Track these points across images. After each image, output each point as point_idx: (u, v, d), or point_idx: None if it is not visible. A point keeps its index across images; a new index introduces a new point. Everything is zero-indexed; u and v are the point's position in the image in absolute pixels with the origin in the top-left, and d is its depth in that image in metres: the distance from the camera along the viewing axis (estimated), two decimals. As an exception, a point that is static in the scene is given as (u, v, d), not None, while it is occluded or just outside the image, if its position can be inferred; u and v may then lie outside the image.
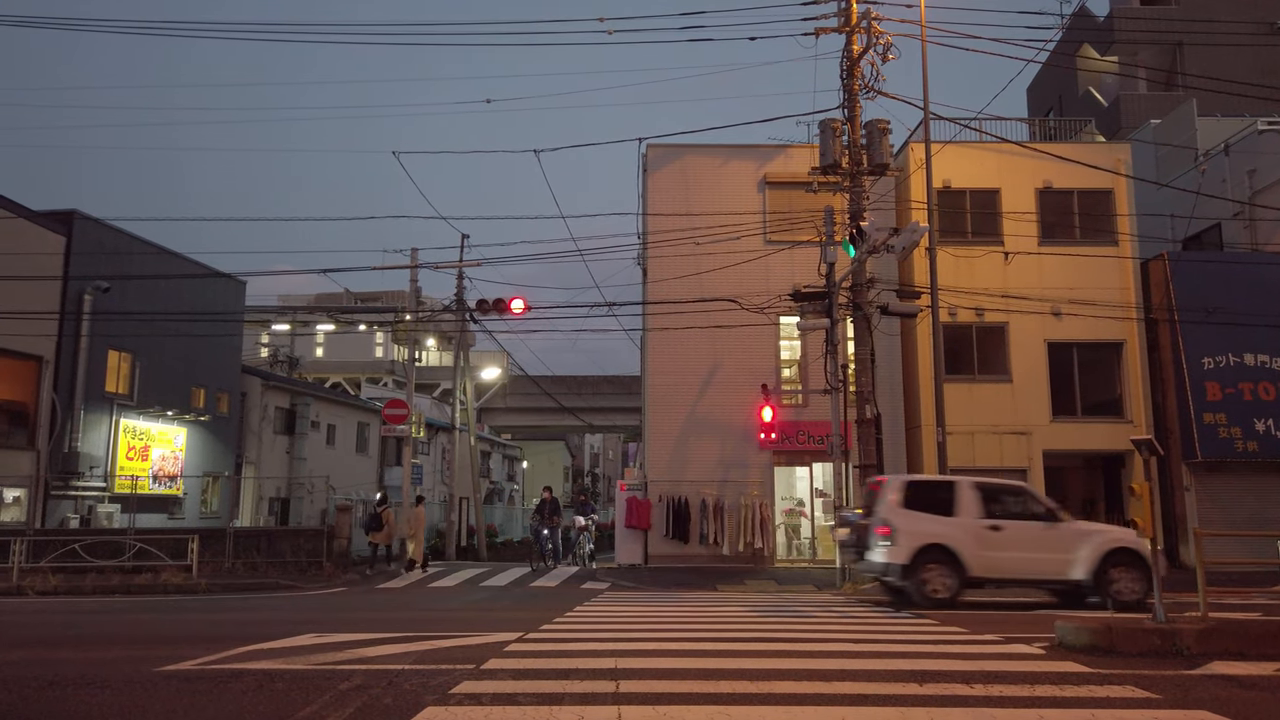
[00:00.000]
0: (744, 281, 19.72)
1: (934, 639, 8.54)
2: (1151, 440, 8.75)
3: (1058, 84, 33.22)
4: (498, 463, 47.79)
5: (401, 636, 8.26)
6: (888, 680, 6.09)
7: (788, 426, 20.05)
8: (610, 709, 5.12)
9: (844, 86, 16.35)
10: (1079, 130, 24.34)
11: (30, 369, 20.34)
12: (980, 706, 5.27)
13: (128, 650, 7.90)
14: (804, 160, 19.48)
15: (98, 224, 21.97)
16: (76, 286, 20.92)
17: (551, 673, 6.31)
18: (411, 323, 24.82)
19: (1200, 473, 19.66)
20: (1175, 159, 24.16)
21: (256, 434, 27.87)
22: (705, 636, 8.50)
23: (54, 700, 5.57)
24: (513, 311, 21.32)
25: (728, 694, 5.61)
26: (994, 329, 20.37)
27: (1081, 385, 20.47)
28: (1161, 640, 7.39)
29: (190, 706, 5.34)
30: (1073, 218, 20.85)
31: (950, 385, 18.11)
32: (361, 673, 6.34)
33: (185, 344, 23.85)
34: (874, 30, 15.93)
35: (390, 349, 46.48)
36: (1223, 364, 19.61)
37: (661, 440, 20.64)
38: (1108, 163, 20.41)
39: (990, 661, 6.95)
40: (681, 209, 20.63)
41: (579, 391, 42.68)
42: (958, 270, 19.89)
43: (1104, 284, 20.28)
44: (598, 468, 72.97)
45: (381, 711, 5.10)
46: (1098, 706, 5.30)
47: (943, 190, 19.85)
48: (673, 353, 20.59)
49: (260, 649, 7.50)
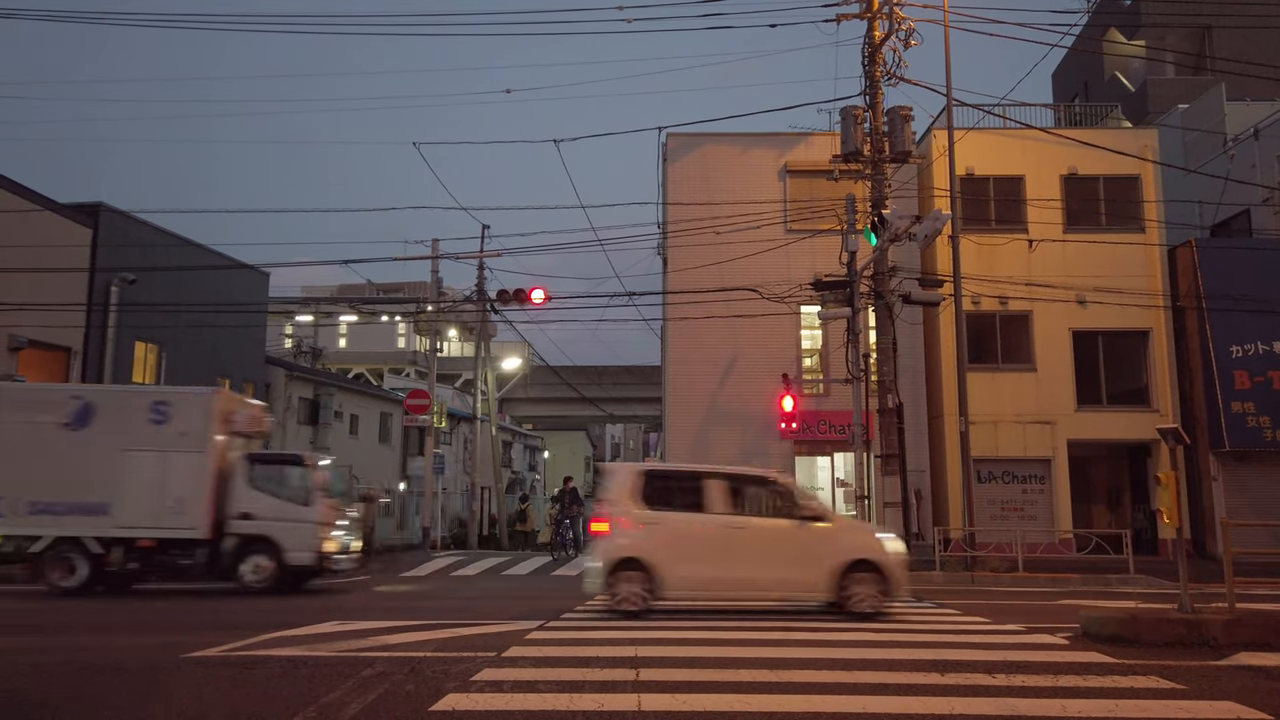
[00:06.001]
0: (764, 270, 19.63)
1: (956, 629, 8.51)
2: (1178, 429, 8.64)
3: (1083, 69, 32.75)
4: (519, 452, 47.99)
5: (423, 624, 8.32)
6: (909, 670, 6.07)
7: (809, 416, 19.98)
8: (630, 696, 5.13)
9: (865, 73, 16.20)
10: (1105, 116, 24.00)
11: (59, 360, 20.60)
12: (1003, 696, 5.24)
13: (155, 637, 8.02)
14: (825, 148, 19.33)
15: (124, 216, 22.16)
16: (103, 278, 21.15)
17: (572, 661, 6.34)
18: (433, 313, 24.93)
19: (1228, 462, 19.42)
20: (1203, 144, 23.79)
21: (281, 424, 28.10)
22: (724, 626, 8.50)
23: (84, 685, 5.67)
24: (533, 301, 21.36)
25: (747, 682, 5.61)
26: (1018, 317, 20.18)
27: (1107, 374, 20.25)
28: (1187, 630, 7.31)
29: (216, 692, 5.42)
30: (1098, 204, 20.60)
31: (973, 374, 17.96)
32: (384, 660, 6.40)
33: (210, 335, 24.05)
34: (896, 16, 15.76)
35: (412, 340, 46.69)
36: (1251, 352, 19.33)
37: (682, 430, 20.63)
38: (1134, 148, 20.12)
39: (1013, 651, 6.91)
40: (702, 198, 20.56)
41: (599, 382, 42.70)
42: (981, 258, 19.71)
43: (1130, 271, 20.03)
44: (619, 458, 73.07)
45: (404, 698, 5.15)
46: (1122, 697, 5.25)
47: (965, 177, 19.64)
48: (693, 342, 20.55)
49: (284, 636, 7.58)
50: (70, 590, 12.12)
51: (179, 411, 12.60)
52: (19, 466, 12.33)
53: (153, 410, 12.57)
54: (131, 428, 12.50)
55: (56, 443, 12.43)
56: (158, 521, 12.27)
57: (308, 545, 12.47)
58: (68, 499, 12.29)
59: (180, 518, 12.29)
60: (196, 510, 12.32)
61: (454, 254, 24.39)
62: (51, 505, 12.27)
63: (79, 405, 12.58)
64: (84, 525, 12.26)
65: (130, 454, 12.36)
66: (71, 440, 12.42)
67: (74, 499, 12.27)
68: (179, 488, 12.35)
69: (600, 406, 42.78)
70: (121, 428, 12.51)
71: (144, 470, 12.31)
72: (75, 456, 12.38)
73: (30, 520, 12.26)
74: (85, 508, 12.26)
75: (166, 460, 12.38)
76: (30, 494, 12.28)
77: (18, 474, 12.31)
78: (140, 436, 12.45)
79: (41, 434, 12.47)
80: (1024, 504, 19.83)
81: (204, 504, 12.34)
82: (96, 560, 12.28)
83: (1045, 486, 19.85)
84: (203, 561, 12.37)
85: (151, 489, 12.30)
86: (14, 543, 12.39)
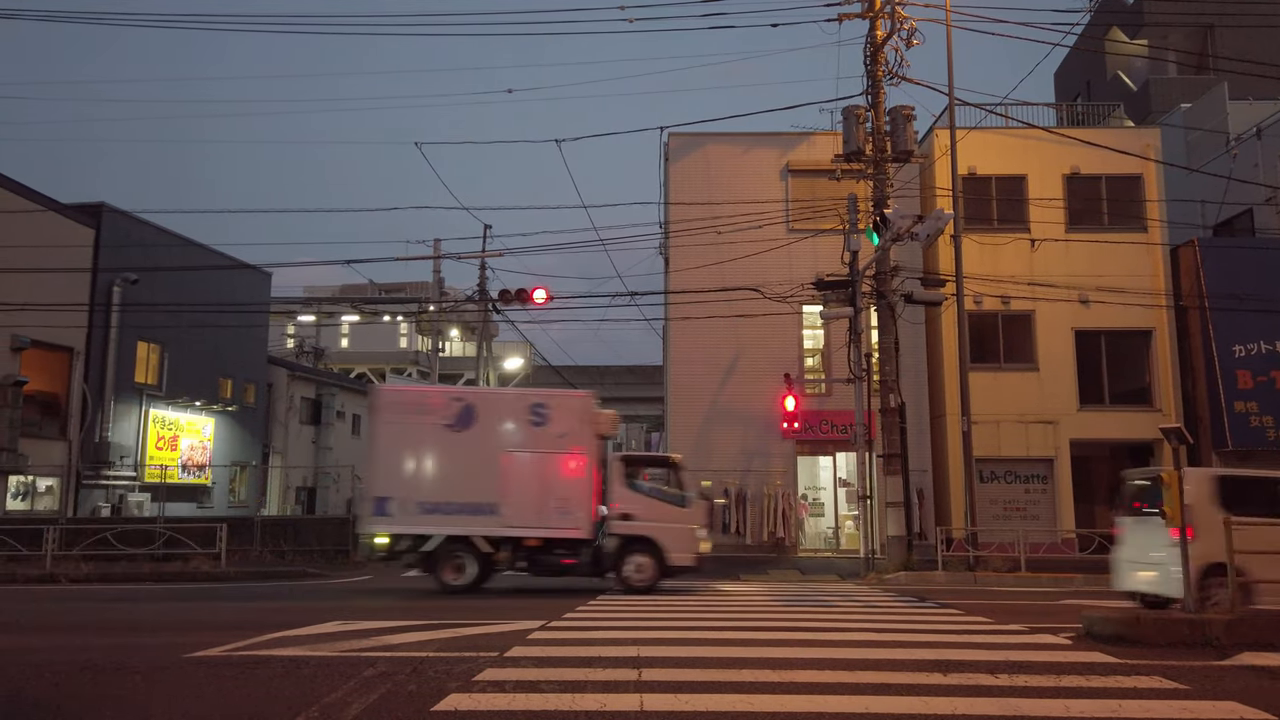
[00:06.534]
0: (766, 270, 19.63)
1: (958, 629, 8.50)
2: (1181, 429, 8.63)
3: (1085, 69, 32.72)
4: (521, 452, 47.87)
5: (425, 624, 8.33)
6: (911, 670, 6.07)
7: (811, 416, 19.97)
8: (633, 696, 5.13)
9: (867, 73, 16.20)
10: (1107, 115, 23.98)
11: (62, 360, 20.64)
12: (1005, 696, 5.23)
13: (158, 637, 8.03)
14: (827, 148, 19.33)
15: (126, 217, 22.20)
16: (106, 278, 21.19)
17: (574, 660, 6.34)
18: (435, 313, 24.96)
19: (1231, 462, 19.34)
20: (1206, 143, 23.76)
21: (283, 424, 28.16)
22: (728, 626, 8.50)
23: (88, 685, 5.67)
24: (535, 301, 21.36)
25: (750, 682, 5.61)
26: (1020, 317, 20.16)
27: (1109, 373, 20.23)
28: (1190, 630, 7.31)
29: (218, 691, 5.42)
30: (1101, 204, 20.57)
31: (975, 374, 17.95)
32: (386, 660, 6.40)
33: (213, 335, 24.09)
34: (898, 15, 15.76)
35: (414, 339, 46.73)
36: (1254, 352, 19.30)
37: (684, 430, 20.63)
38: (1137, 148, 20.10)
39: (1015, 651, 6.90)
40: (704, 198, 20.56)
41: (601, 382, 42.67)
42: (983, 258, 19.70)
43: (1133, 271, 20.01)
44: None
45: (406, 698, 5.15)
46: (1125, 697, 5.25)
47: (968, 177, 19.64)
48: (695, 342, 20.55)
49: (286, 636, 7.59)
50: (458, 589, 12.28)
51: (556, 414, 12.71)
52: (406, 468, 12.55)
53: (531, 413, 12.73)
54: (512, 430, 12.69)
55: (441, 444, 12.64)
56: (543, 521, 12.42)
57: (688, 546, 12.60)
58: (456, 499, 12.48)
59: (565, 518, 12.42)
60: (580, 510, 12.45)
61: (456, 254, 24.46)
62: (441, 505, 12.46)
63: (460, 408, 12.73)
64: (473, 525, 12.46)
65: (512, 455, 12.54)
66: (455, 442, 12.60)
67: (462, 499, 12.46)
68: (562, 488, 12.52)
69: (602, 406, 42.73)
70: (502, 430, 12.69)
71: (527, 471, 12.46)
72: (460, 458, 12.57)
73: (422, 520, 12.44)
74: (473, 508, 12.44)
75: (547, 461, 12.56)
76: (419, 495, 12.48)
77: (406, 475, 12.52)
78: (521, 438, 12.62)
79: (426, 436, 12.66)
80: (1026, 504, 19.81)
81: (586, 504, 12.48)
82: (485, 559, 12.51)
83: (1048, 486, 19.83)
84: (587, 561, 12.51)
85: (535, 489, 12.45)
86: (406, 541, 12.57)
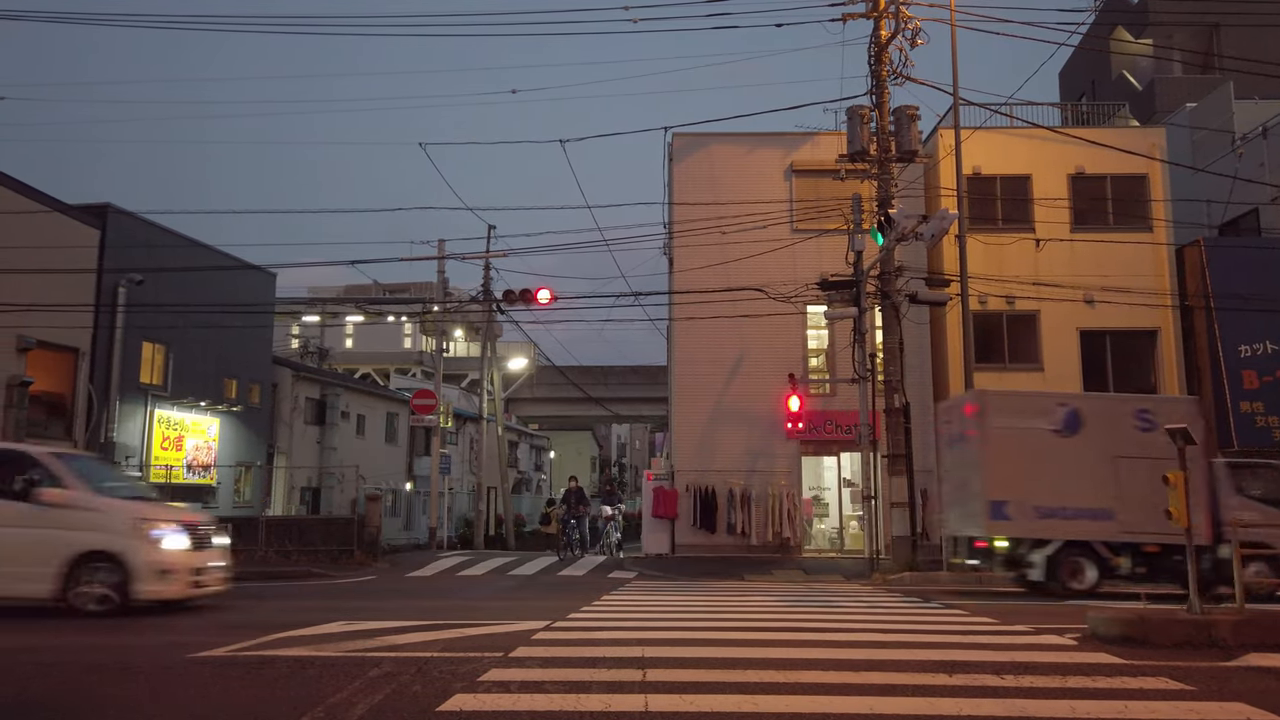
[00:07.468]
0: (770, 270, 19.60)
1: (963, 629, 8.49)
2: (1186, 429, 8.62)
3: (1090, 68, 32.64)
4: (525, 452, 48.00)
5: (430, 624, 8.32)
6: (916, 670, 6.06)
7: (815, 416, 19.95)
8: (638, 697, 5.13)
9: (872, 73, 16.19)
10: (1112, 115, 23.91)
11: (67, 360, 20.67)
12: (1010, 697, 5.22)
13: (162, 637, 8.04)
14: (831, 148, 19.29)
15: (131, 217, 22.22)
16: (111, 279, 21.20)
17: (579, 661, 6.33)
18: (439, 313, 24.97)
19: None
20: (1212, 143, 23.67)
21: (288, 424, 28.18)
22: (732, 626, 8.49)
23: (92, 685, 5.68)
24: (539, 302, 21.37)
25: (755, 683, 5.60)
26: (1025, 317, 20.12)
27: (1115, 374, 20.16)
28: (1196, 631, 7.28)
29: (223, 692, 5.43)
30: (1106, 204, 20.52)
31: (980, 374, 17.90)
32: (391, 660, 6.40)
33: (217, 335, 24.10)
34: (902, 15, 15.74)
35: (419, 340, 46.71)
36: (1260, 352, 19.24)
37: (688, 430, 20.62)
38: (1142, 147, 20.05)
39: (1020, 652, 6.89)
40: (708, 198, 20.54)
41: (605, 382, 42.71)
42: (988, 258, 19.65)
43: (1138, 271, 19.95)
44: (625, 457, 73.01)
45: (411, 698, 5.15)
46: (1130, 698, 5.23)
47: (972, 177, 19.60)
48: (699, 342, 20.54)
49: (291, 636, 7.59)
50: (1079, 592, 12.30)
51: (1164, 420, 12.37)
52: (1019, 471, 12.61)
53: (1138, 417, 12.77)
54: (1119, 435, 12.70)
55: (1050, 449, 12.70)
56: (1161, 528, 11.96)
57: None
58: (1071, 504, 12.54)
59: None
60: (1198, 516, 12.04)
61: (460, 254, 24.34)
62: (1056, 510, 12.53)
63: (1066, 412, 12.81)
64: (1091, 530, 12.52)
65: (1121, 460, 12.54)
66: (1064, 447, 12.68)
67: (1078, 504, 12.52)
68: None
69: (606, 406, 42.78)
70: (1110, 434, 12.71)
71: (1141, 476, 12.22)
72: (1071, 462, 12.62)
73: (1039, 525, 12.52)
74: (1090, 513, 12.48)
75: (1159, 467, 12.13)
76: (1034, 499, 12.53)
77: (1018, 479, 12.58)
78: (1130, 443, 12.61)
79: (1034, 440, 12.72)
80: (1031, 504, 19.72)
81: (1204, 510, 12.31)
82: (1103, 564, 12.56)
83: (1053, 486, 19.75)
84: (1208, 568, 12.31)
85: (1150, 495, 12.08)
86: (1025, 545, 12.62)
